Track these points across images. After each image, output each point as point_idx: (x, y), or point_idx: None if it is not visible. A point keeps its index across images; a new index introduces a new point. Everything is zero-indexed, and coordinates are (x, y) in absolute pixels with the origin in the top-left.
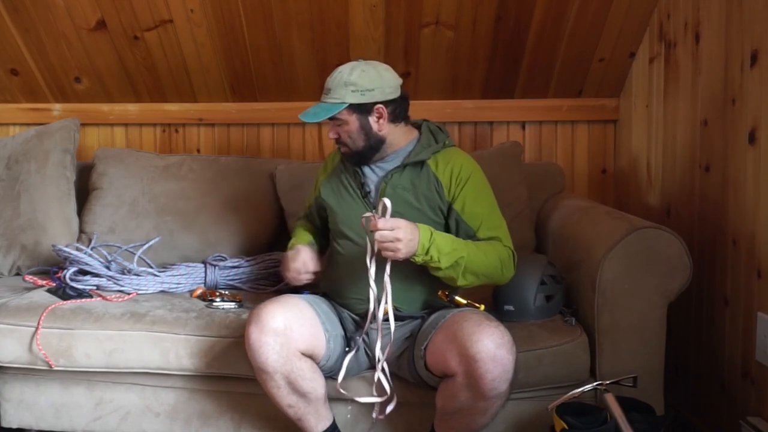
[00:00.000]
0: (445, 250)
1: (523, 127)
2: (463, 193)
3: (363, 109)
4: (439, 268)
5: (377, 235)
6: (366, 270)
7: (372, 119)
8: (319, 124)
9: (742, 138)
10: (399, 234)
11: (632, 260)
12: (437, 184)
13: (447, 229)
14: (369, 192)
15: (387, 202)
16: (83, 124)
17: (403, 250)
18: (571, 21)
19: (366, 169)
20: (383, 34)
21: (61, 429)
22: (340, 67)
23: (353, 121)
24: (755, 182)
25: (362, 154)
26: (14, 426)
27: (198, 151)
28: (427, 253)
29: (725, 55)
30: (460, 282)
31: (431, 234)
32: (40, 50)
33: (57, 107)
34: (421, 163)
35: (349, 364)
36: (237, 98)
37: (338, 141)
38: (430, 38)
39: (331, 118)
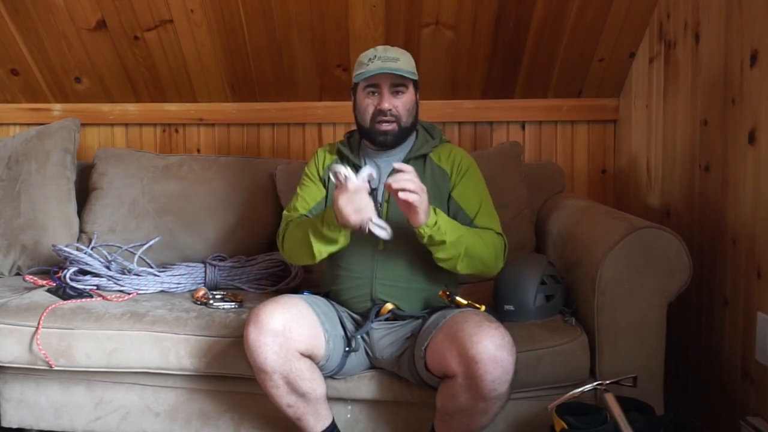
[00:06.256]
0: (450, 225)
1: (523, 127)
2: (462, 182)
3: (416, 87)
4: (443, 242)
5: (403, 181)
6: (363, 269)
7: (417, 99)
8: (319, 124)
9: (741, 138)
10: (410, 169)
11: (632, 260)
12: (442, 174)
13: None
14: (375, 189)
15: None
16: (83, 124)
17: (423, 190)
18: (571, 21)
19: (368, 165)
20: (383, 34)
21: (61, 429)
22: (385, 46)
23: (411, 94)
24: (755, 182)
25: (404, 132)
26: (14, 426)
27: (198, 151)
28: (435, 224)
29: (725, 55)
30: (459, 266)
31: (434, 208)
32: (41, 50)
33: (57, 107)
34: (424, 157)
35: (349, 364)
36: (237, 98)
37: (390, 114)
38: (430, 38)
39: (396, 85)
